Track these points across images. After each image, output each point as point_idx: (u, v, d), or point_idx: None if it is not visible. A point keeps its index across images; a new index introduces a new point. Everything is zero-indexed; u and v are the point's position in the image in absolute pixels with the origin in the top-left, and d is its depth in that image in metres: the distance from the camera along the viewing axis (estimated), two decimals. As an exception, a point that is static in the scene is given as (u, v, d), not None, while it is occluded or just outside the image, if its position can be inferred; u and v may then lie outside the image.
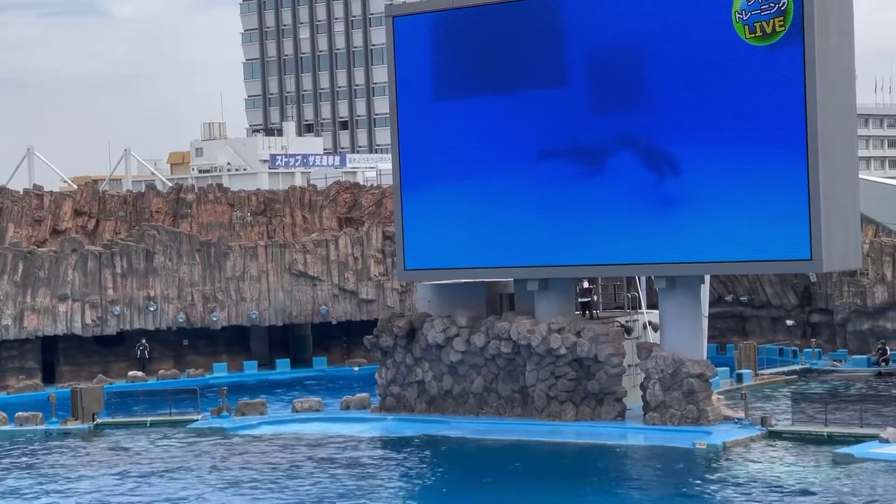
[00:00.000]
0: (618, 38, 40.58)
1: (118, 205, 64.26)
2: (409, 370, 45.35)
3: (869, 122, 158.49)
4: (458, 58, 43.18)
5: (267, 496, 33.37)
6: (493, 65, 42.56)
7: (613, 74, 40.78)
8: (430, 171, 43.89)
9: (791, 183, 38.13)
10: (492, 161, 42.68)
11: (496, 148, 42.62)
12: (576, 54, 41.32)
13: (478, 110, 42.97)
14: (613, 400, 41.81)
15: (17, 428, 45.42)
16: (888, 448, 35.57)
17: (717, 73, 39.09)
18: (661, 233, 40.16)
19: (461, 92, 43.28)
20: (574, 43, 41.31)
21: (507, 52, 42.25)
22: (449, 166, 43.49)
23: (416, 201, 44.21)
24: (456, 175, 43.39)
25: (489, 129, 42.74)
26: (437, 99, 43.78)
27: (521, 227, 42.27)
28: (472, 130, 43.06)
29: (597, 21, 40.90)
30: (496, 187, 42.68)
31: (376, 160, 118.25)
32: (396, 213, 45.19)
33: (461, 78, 43.24)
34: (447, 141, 43.48)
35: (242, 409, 46.32)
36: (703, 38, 39.17)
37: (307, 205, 66.60)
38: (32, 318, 57.80)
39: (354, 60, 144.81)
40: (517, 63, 42.12)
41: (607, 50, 40.80)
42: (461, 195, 43.32)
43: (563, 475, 35.80)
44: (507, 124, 42.42)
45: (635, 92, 40.49)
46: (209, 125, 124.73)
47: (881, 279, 57.39)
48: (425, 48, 43.89)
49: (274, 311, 61.64)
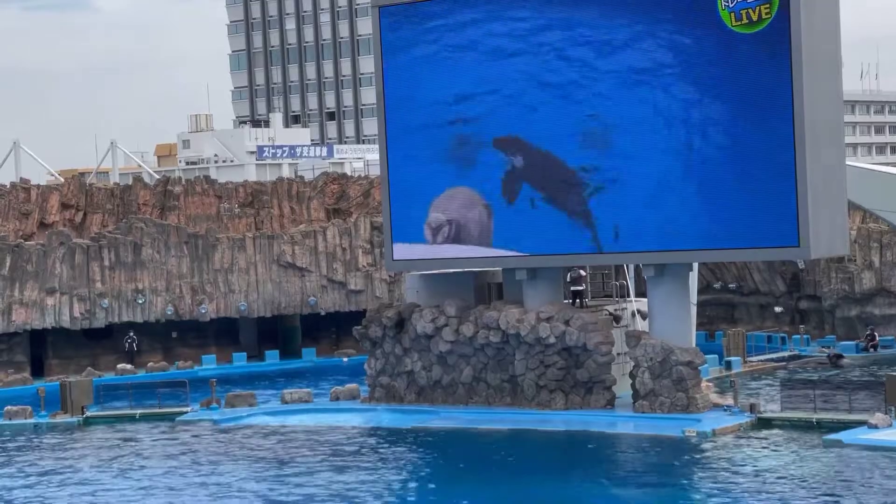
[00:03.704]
0: (603, 26, 40.59)
1: (105, 198, 64.16)
2: (399, 360, 45.35)
3: (855, 109, 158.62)
4: (443, 46, 43.15)
5: (257, 488, 33.35)
6: (477, 52, 42.53)
7: (600, 59, 40.74)
8: (418, 160, 43.91)
9: (778, 170, 38.17)
10: (479, 149, 42.73)
11: (484, 136, 42.61)
12: (561, 37, 41.28)
13: (464, 98, 42.92)
14: (603, 388, 41.86)
15: (6, 422, 45.34)
16: (877, 434, 35.69)
17: (704, 60, 39.09)
18: (649, 220, 40.18)
19: (448, 79, 43.21)
20: (556, 25, 41.30)
21: (490, 38, 42.23)
22: (437, 154, 43.53)
23: (403, 190, 44.22)
24: (444, 163, 43.44)
25: (477, 116, 42.74)
26: (424, 88, 43.72)
27: (509, 215, 42.26)
28: (460, 119, 43.00)
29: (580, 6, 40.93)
30: (484, 175, 42.74)
31: (364, 151, 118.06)
32: (384, 203, 45.15)
33: (447, 65, 43.17)
34: (435, 129, 43.48)
35: (232, 401, 46.30)
36: (689, 25, 39.16)
37: (295, 196, 66.55)
38: (21, 312, 57.70)
39: (341, 51, 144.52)
40: (502, 48, 42.11)
41: (593, 35, 40.78)
42: (448, 182, 43.36)
43: (553, 464, 35.86)
44: (495, 112, 42.39)
45: (621, 79, 40.50)
46: (196, 117, 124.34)
47: (869, 265, 57.53)
48: (411, 37, 43.78)
49: (262, 302, 61.59)
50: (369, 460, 36.74)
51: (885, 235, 57.50)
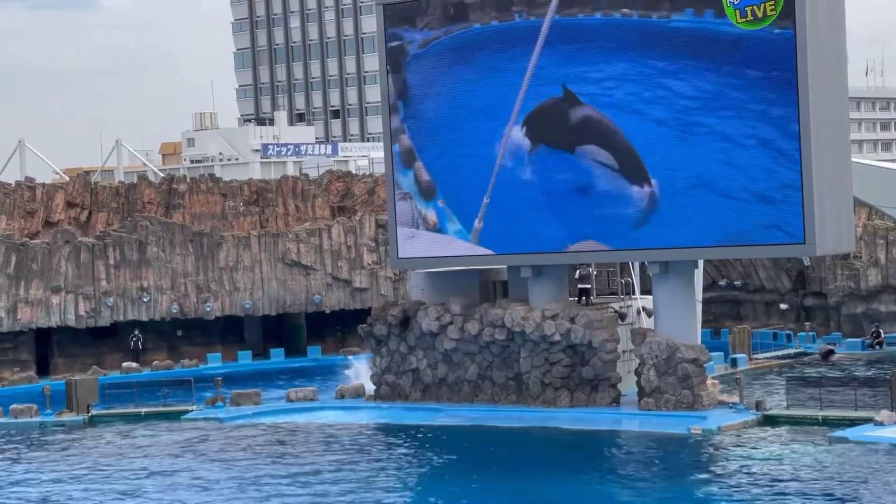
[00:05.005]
0: (608, 25, 40.55)
1: (110, 196, 64.18)
2: (404, 358, 45.33)
3: (861, 105, 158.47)
4: (447, 44, 43.16)
5: (262, 485, 33.35)
6: (482, 50, 42.53)
7: (604, 59, 40.69)
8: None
9: (784, 167, 38.11)
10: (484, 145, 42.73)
11: (489, 133, 42.59)
12: (567, 35, 41.25)
13: (470, 95, 42.94)
14: (608, 386, 41.83)
15: (11, 420, 45.37)
16: (883, 431, 35.63)
17: (709, 58, 39.02)
18: (654, 218, 40.12)
19: (452, 79, 43.24)
20: (562, 24, 41.27)
21: (497, 34, 42.20)
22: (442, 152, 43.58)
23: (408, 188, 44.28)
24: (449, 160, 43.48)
25: (481, 114, 42.71)
26: (429, 87, 43.73)
27: (516, 213, 42.23)
28: (464, 115, 43.00)
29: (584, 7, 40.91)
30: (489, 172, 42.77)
31: (368, 149, 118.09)
32: (389, 201, 45.15)
33: (451, 65, 43.19)
34: (440, 127, 43.52)
35: (237, 400, 46.29)
36: (694, 22, 39.10)
37: (299, 194, 66.55)
38: (26, 311, 57.75)
39: (345, 49, 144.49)
40: (507, 46, 42.09)
41: (597, 32, 40.75)
42: (455, 180, 43.38)
43: (558, 462, 35.79)
44: (499, 109, 42.35)
45: (626, 78, 40.45)
46: (200, 115, 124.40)
47: (874, 262, 57.47)
48: (415, 35, 43.80)
49: (267, 300, 61.61)
50: (374, 458, 36.72)
51: (890, 232, 57.44)
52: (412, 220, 44.30)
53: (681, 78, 39.45)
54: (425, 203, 44.02)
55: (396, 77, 44.41)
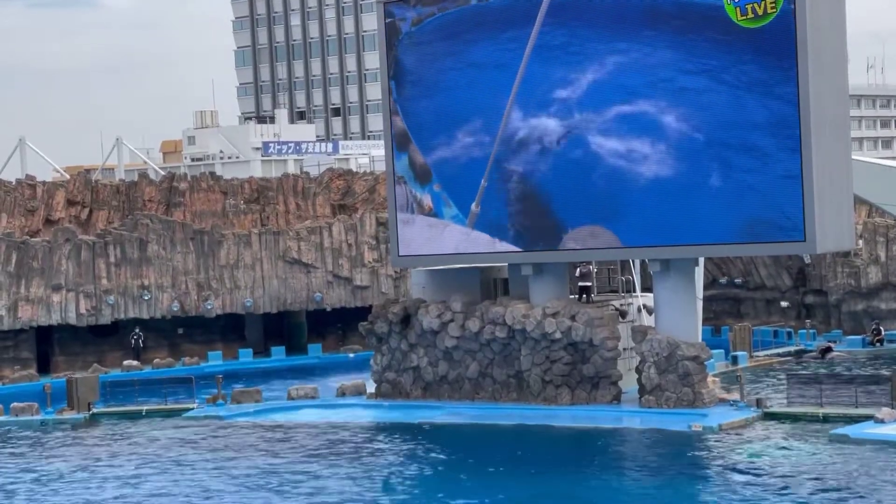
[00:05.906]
0: (609, 22, 40.51)
1: (111, 194, 64.22)
2: (405, 356, 45.35)
3: (861, 103, 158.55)
4: (448, 42, 43.11)
5: (263, 483, 33.36)
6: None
7: (608, 56, 40.64)
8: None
9: (784, 164, 38.10)
10: (485, 143, 42.69)
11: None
12: (569, 34, 41.20)
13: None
14: (609, 383, 41.85)
15: (12, 418, 45.40)
16: (884, 428, 35.62)
17: (709, 55, 39.01)
18: (654, 215, 40.10)
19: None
20: (567, 22, 41.23)
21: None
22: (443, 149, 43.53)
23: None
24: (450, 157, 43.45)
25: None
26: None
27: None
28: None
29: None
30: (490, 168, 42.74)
31: (369, 147, 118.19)
32: (390, 199, 45.14)
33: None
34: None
35: (238, 397, 46.33)
36: (695, 19, 39.09)
37: (300, 192, 66.58)
38: (27, 309, 57.77)
39: (346, 47, 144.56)
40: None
41: (599, 33, 40.70)
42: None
43: (559, 459, 35.81)
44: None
45: (628, 76, 40.43)
46: (201, 113, 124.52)
47: (875, 260, 57.48)
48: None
49: (268, 298, 61.64)
50: (375, 456, 36.74)
51: (891, 230, 57.46)
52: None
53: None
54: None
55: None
